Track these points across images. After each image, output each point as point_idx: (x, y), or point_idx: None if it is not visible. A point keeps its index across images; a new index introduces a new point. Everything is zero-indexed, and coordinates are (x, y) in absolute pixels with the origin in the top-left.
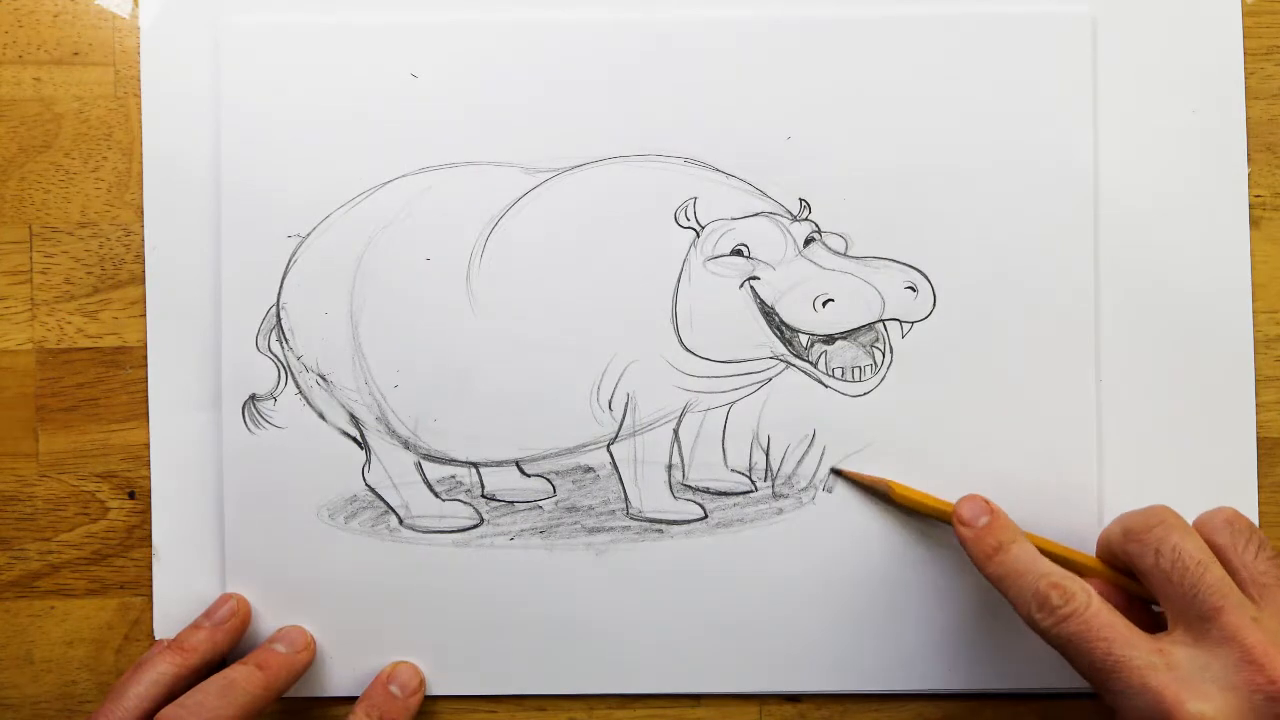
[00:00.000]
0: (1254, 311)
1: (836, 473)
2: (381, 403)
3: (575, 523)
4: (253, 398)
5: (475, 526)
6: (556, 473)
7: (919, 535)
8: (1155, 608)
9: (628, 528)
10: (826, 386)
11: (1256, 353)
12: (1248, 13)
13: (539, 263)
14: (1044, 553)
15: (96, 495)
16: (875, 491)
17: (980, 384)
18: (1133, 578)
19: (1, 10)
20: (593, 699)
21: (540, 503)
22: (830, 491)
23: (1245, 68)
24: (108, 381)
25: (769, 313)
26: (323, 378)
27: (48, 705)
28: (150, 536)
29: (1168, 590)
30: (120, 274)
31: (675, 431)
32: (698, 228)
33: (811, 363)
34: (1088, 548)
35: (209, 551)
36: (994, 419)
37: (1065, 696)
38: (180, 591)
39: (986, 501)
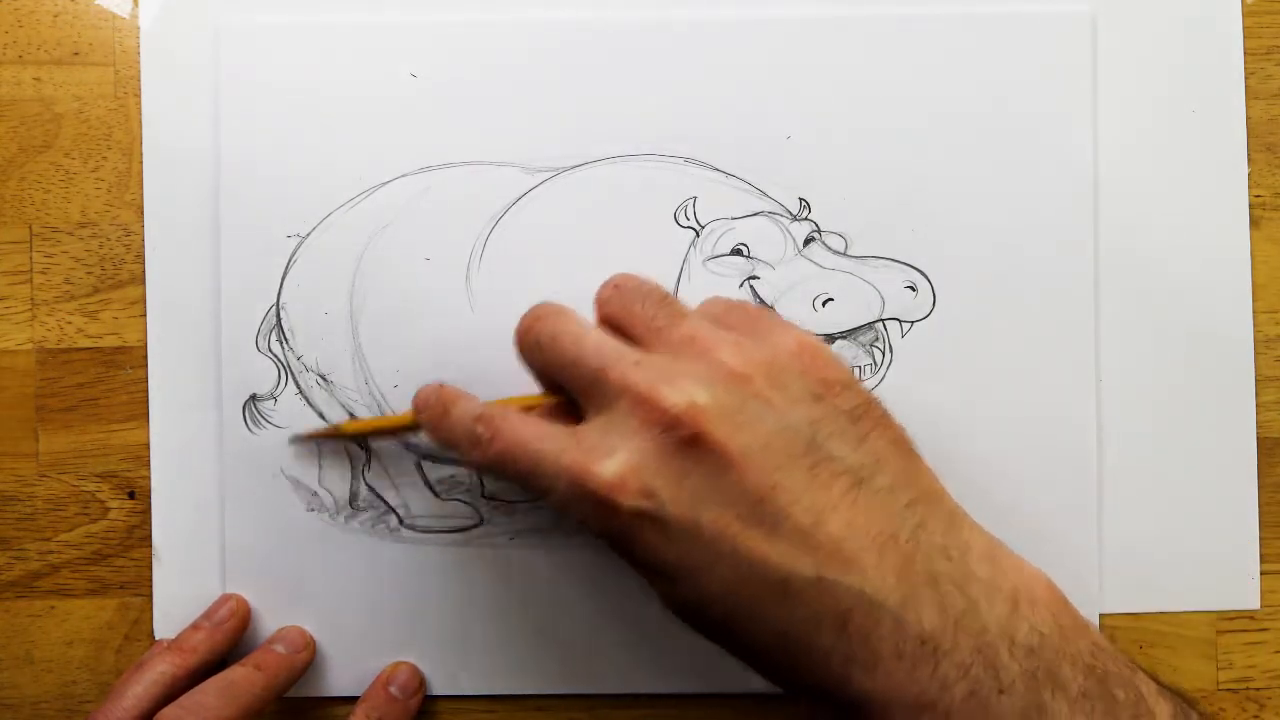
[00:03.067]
0: (1254, 311)
1: (296, 439)
2: (381, 403)
3: (575, 522)
4: (253, 398)
5: (475, 526)
6: None
7: None
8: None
9: None
10: None
11: (1256, 353)
12: (1248, 13)
13: (539, 263)
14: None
15: (96, 495)
16: (338, 438)
17: (980, 384)
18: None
19: (1, 10)
20: (593, 699)
21: (540, 502)
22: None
23: (1245, 68)
24: (108, 381)
25: None
26: (323, 378)
27: (48, 705)
28: (150, 536)
29: (563, 376)
30: (120, 274)
31: None
32: (697, 227)
33: None
34: (1088, 549)
35: (209, 551)
36: (994, 419)
37: None
38: (180, 591)
39: (440, 386)
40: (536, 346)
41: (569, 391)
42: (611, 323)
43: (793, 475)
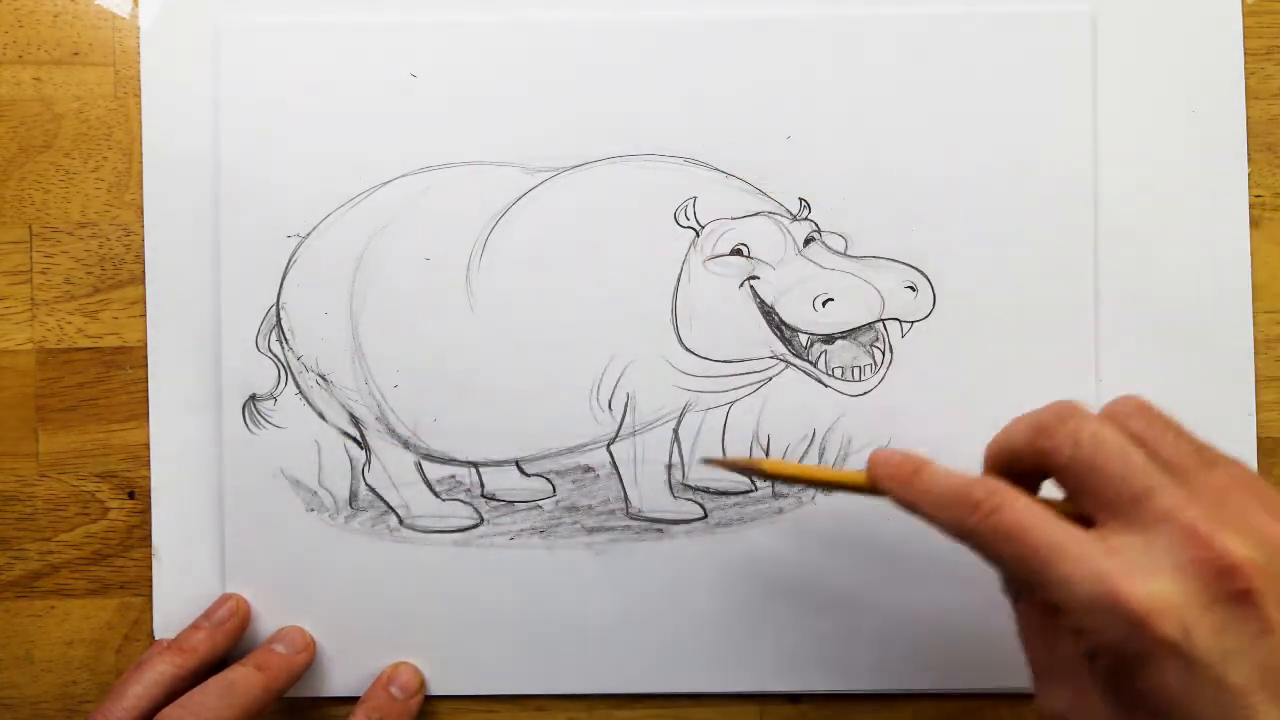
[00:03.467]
0: (1254, 311)
1: (707, 462)
2: (381, 403)
3: (575, 522)
4: (253, 398)
5: (475, 526)
6: (556, 472)
7: (918, 535)
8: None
9: (627, 527)
10: (826, 386)
11: (1256, 353)
12: (1248, 13)
13: (539, 263)
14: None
15: (96, 495)
16: (749, 472)
17: (980, 383)
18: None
19: (1, 10)
20: (593, 699)
21: (540, 502)
22: (830, 493)
23: (1245, 68)
24: (108, 381)
25: (769, 312)
26: (323, 378)
27: (48, 705)
28: (150, 536)
29: (1092, 481)
30: (120, 274)
31: (675, 431)
32: (697, 227)
33: (811, 362)
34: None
35: (209, 551)
36: (994, 419)
37: None
38: (180, 591)
39: (903, 450)
40: (1074, 442)
41: (1080, 494)
42: (1135, 443)
43: None
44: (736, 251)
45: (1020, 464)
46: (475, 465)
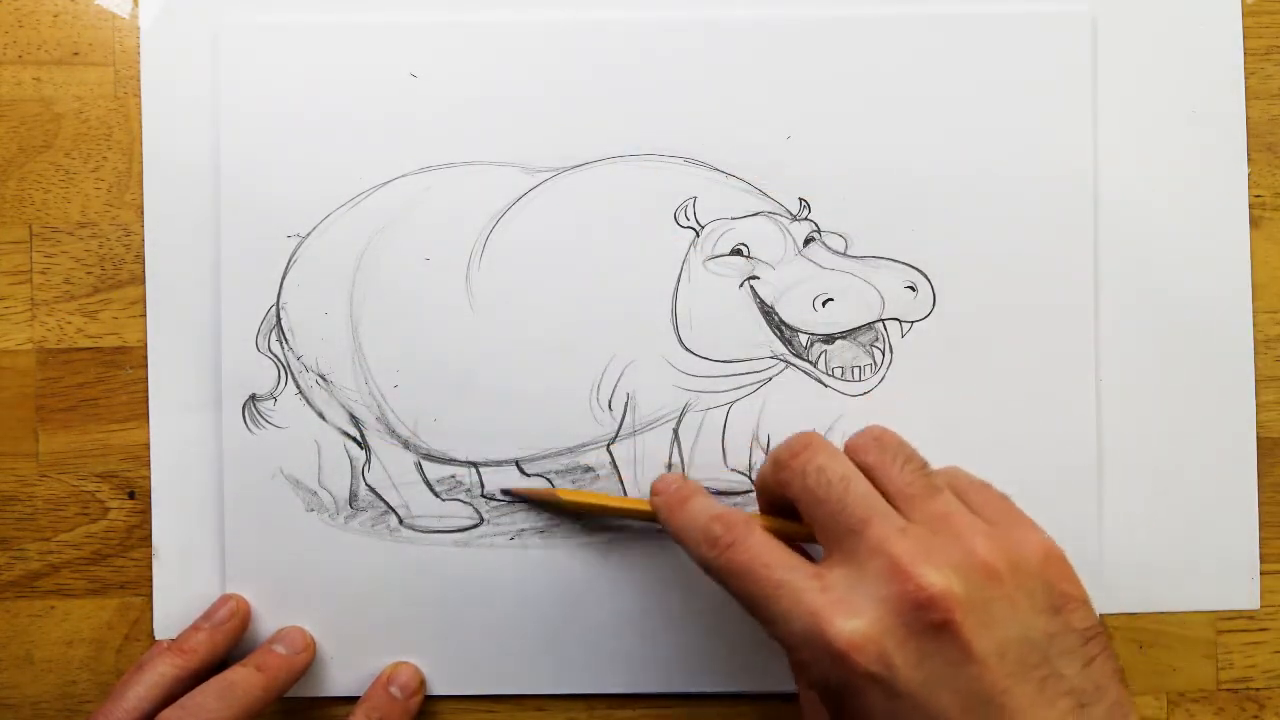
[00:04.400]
0: (1254, 311)
1: (507, 493)
2: (381, 403)
3: (575, 522)
4: (253, 398)
5: (475, 526)
6: (556, 472)
7: None
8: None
9: (628, 527)
10: (826, 386)
11: (1256, 353)
12: (1248, 13)
13: (539, 263)
14: None
15: (96, 495)
16: (545, 504)
17: (980, 384)
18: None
19: (1, 10)
20: (593, 699)
21: (545, 513)
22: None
23: (1245, 68)
24: (108, 381)
25: (769, 312)
26: (323, 378)
27: (48, 705)
28: (150, 536)
29: (817, 513)
30: (120, 274)
31: (675, 431)
32: (697, 227)
33: (811, 362)
34: (1088, 550)
35: (209, 551)
36: (994, 419)
37: None
38: (180, 591)
39: (683, 477)
40: (801, 474)
41: (812, 524)
42: (865, 473)
43: (1024, 685)
44: (736, 251)
45: (775, 496)
46: (475, 465)
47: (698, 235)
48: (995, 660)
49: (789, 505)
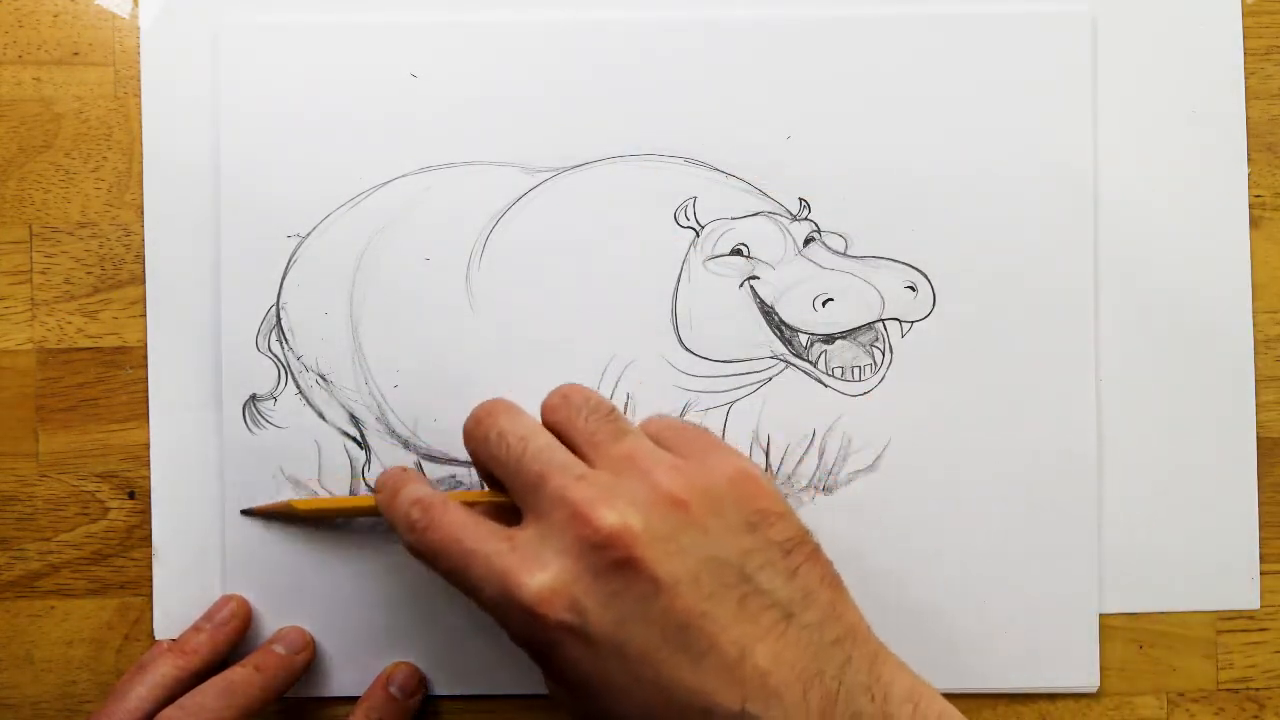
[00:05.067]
0: (1254, 311)
1: (247, 513)
2: (381, 403)
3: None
4: (253, 398)
5: None
6: None
7: (917, 535)
8: None
9: None
10: (826, 386)
11: (1256, 353)
12: (1248, 13)
13: (539, 263)
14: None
15: (96, 495)
16: (283, 516)
17: (980, 384)
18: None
19: (1, 10)
20: None
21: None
22: (830, 493)
23: (1245, 68)
24: (108, 381)
25: (769, 312)
26: (323, 378)
27: (48, 705)
28: (150, 536)
29: (504, 475)
30: (120, 274)
31: None
32: (697, 227)
33: (811, 362)
34: (1088, 549)
35: (209, 551)
36: (994, 419)
37: (1065, 696)
38: (180, 592)
39: (403, 468)
40: (484, 441)
41: (504, 485)
42: (555, 432)
43: (722, 605)
44: (736, 251)
45: (479, 468)
46: None
47: (698, 235)
48: (687, 586)
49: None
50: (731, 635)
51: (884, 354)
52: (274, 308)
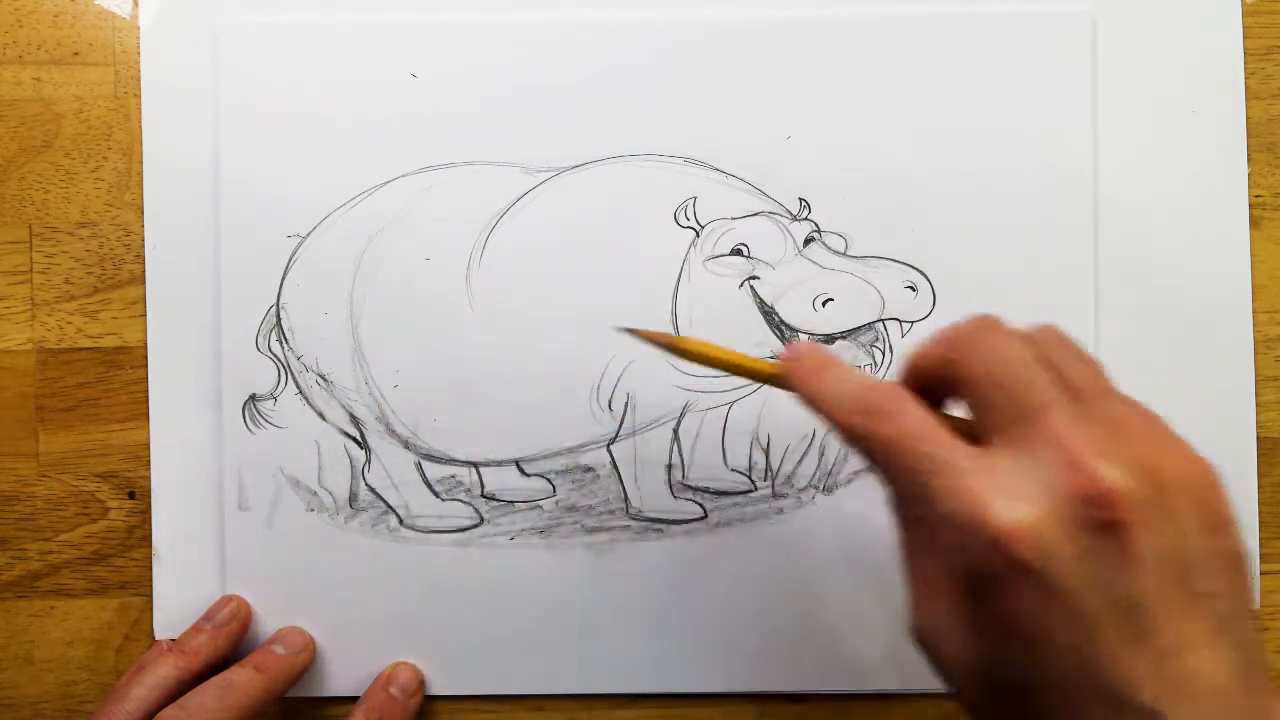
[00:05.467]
0: (1254, 311)
1: (626, 331)
2: (381, 403)
3: (575, 522)
4: (253, 398)
5: (475, 526)
6: (556, 472)
7: None
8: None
9: (627, 527)
10: None
11: (1256, 353)
12: (1248, 13)
13: (539, 263)
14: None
15: (96, 495)
16: (667, 349)
17: None
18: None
19: (1, 10)
20: (593, 699)
21: (540, 502)
22: (830, 493)
23: (1245, 68)
24: (108, 381)
25: (769, 312)
26: (323, 378)
27: (48, 705)
28: (150, 536)
29: (991, 396)
30: (120, 274)
31: (675, 431)
32: (697, 227)
33: None
34: None
35: (209, 551)
36: None
37: None
38: (180, 592)
39: (816, 345)
40: (982, 355)
41: (978, 408)
42: (1044, 365)
43: (1174, 597)
44: (736, 251)
45: (932, 376)
46: (475, 465)
47: (698, 235)
48: (1155, 566)
49: (936, 393)
50: (1174, 626)
51: (884, 354)
52: (274, 308)
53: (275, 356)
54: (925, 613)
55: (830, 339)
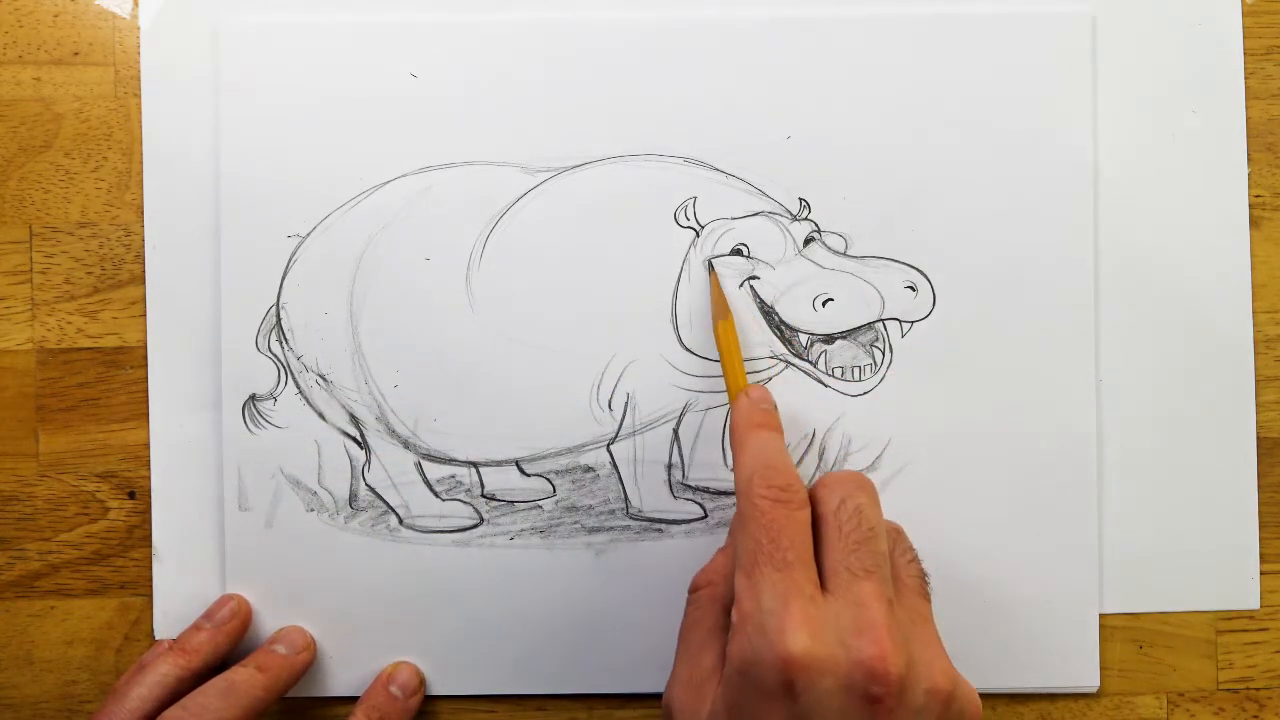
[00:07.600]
0: (1254, 311)
1: (711, 269)
2: (381, 403)
3: (575, 522)
4: (253, 398)
5: (475, 526)
6: (556, 472)
7: (918, 536)
8: None
9: (628, 527)
10: (826, 386)
11: (1256, 353)
12: (1248, 13)
13: (539, 263)
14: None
15: (96, 495)
16: (713, 309)
17: (980, 384)
18: None
19: (1, 10)
20: (593, 699)
21: (540, 502)
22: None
23: (1245, 68)
24: (108, 381)
25: (769, 312)
26: (323, 378)
27: (48, 705)
28: (150, 536)
29: (836, 541)
30: (120, 274)
31: (675, 431)
32: (697, 227)
33: (811, 362)
34: (1088, 549)
35: (209, 551)
36: (994, 419)
37: (1065, 696)
38: (180, 591)
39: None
40: (841, 502)
41: (824, 543)
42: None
43: None
44: (736, 251)
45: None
46: (475, 465)
47: (698, 235)
48: None
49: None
50: None
51: (884, 354)
52: (274, 308)
53: (275, 356)
54: (680, 693)
55: (830, 339)
